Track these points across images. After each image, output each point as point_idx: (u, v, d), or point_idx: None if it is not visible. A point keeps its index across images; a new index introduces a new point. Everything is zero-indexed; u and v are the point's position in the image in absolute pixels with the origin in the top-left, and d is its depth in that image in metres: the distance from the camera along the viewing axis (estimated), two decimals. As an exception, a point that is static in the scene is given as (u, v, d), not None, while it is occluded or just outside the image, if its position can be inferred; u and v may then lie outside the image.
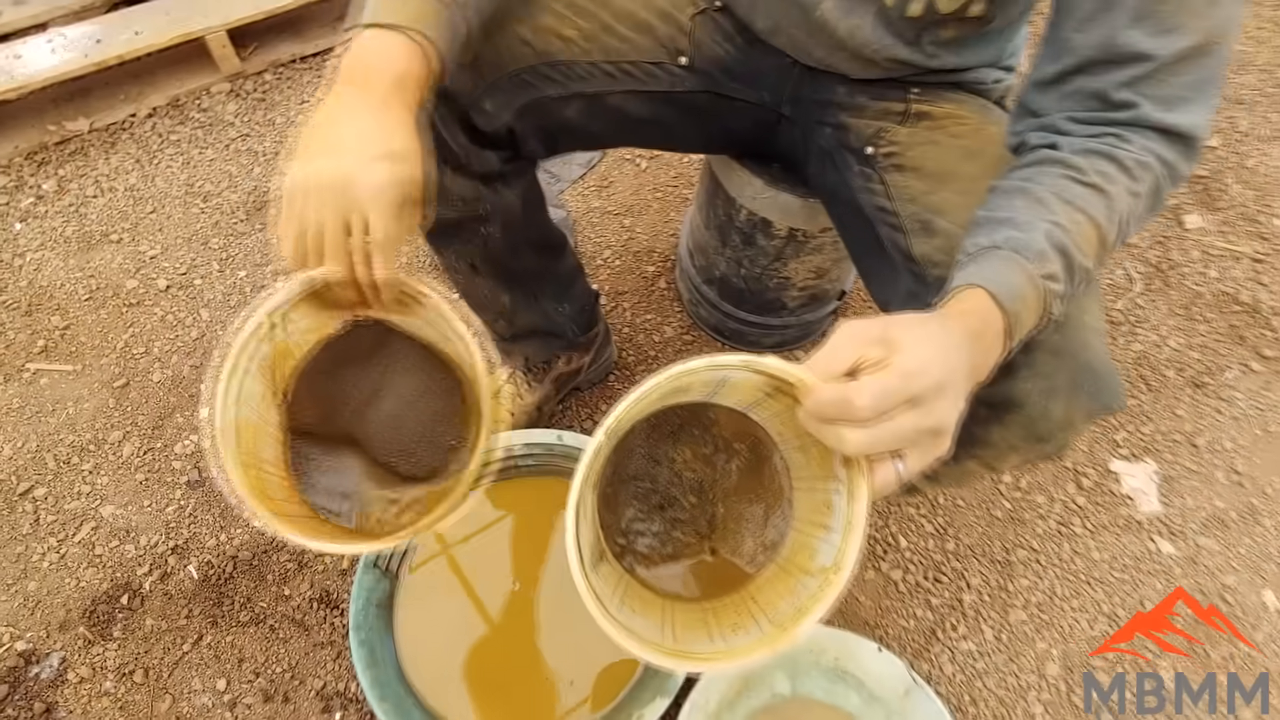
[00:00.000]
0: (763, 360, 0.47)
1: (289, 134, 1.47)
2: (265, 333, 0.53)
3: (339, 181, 0.50)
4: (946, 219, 0.67)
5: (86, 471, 1.06)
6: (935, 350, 0.44)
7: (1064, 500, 1.14)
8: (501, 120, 0.73)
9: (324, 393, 0.57)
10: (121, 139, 1.43)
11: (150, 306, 1.23)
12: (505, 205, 0.82)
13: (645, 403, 0.49)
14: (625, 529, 0.59)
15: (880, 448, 0.44)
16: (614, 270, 1.34)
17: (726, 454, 0.59)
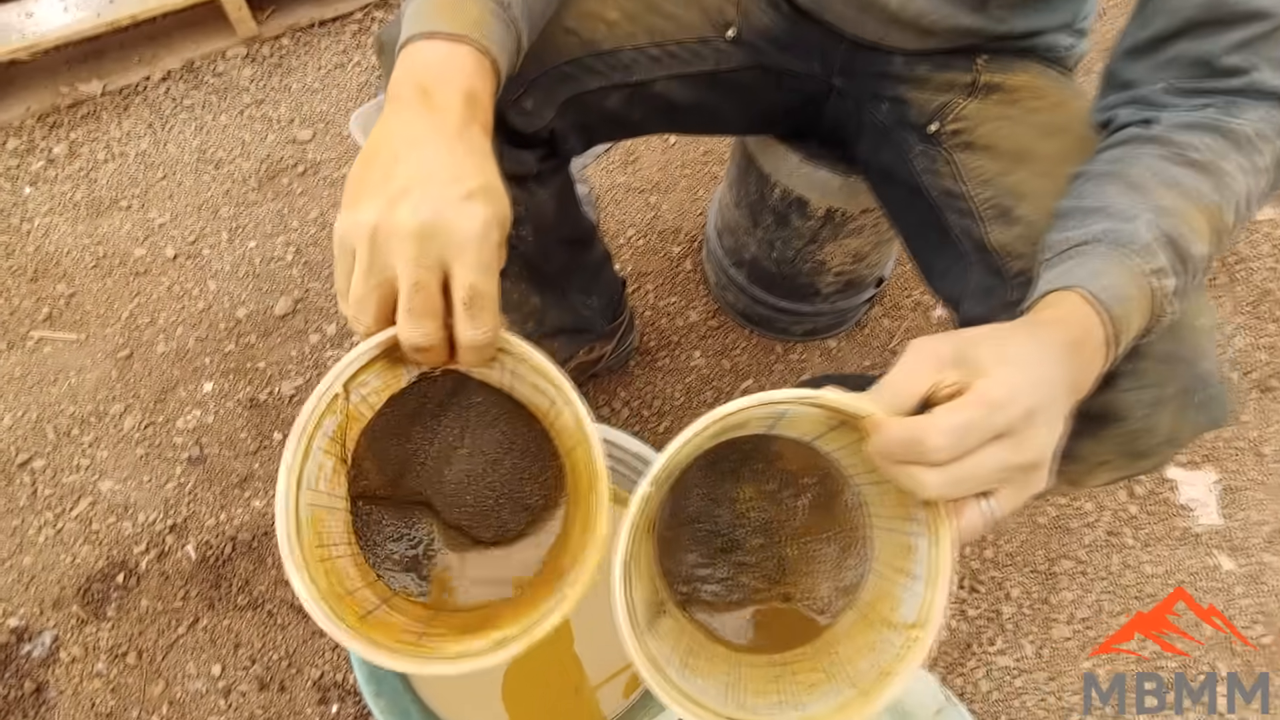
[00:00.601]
0: (821, 394, 0.41)
1: (306, 103, 1.42)
2: (338, 405, 0.43)
3: (428, 227, 0.39)
4: (1027, 205, 0.59)
5: (86, 444, 1.03)
6: (1026, 371, 0.37)
7: (1114, 509, 1.06)
8: (542, 118, 0.65)
9: (392, 453, 0.49)
10: (134, 102, 1.39)
11: (157, 276, 1.19)
12: (539, 206, 0.75)
13: (692, 445, 0.43)
14: (688, 576, 0.53)
15: (963, 491, 0.37)
16: (637, 250, 1.27)
17: (794, 490, 0.52)
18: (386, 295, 0.41)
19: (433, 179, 0.40)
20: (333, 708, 0.89)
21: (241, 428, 1.05)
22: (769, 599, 0.53)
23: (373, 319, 0.41)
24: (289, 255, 1.22)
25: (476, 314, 0.40)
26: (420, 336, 0.40)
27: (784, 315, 1.14)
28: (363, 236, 0.39)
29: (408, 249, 0.39)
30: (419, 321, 0.40)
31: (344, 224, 0.41)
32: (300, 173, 1.33)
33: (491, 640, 0.43)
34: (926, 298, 1.24)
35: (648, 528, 0.50)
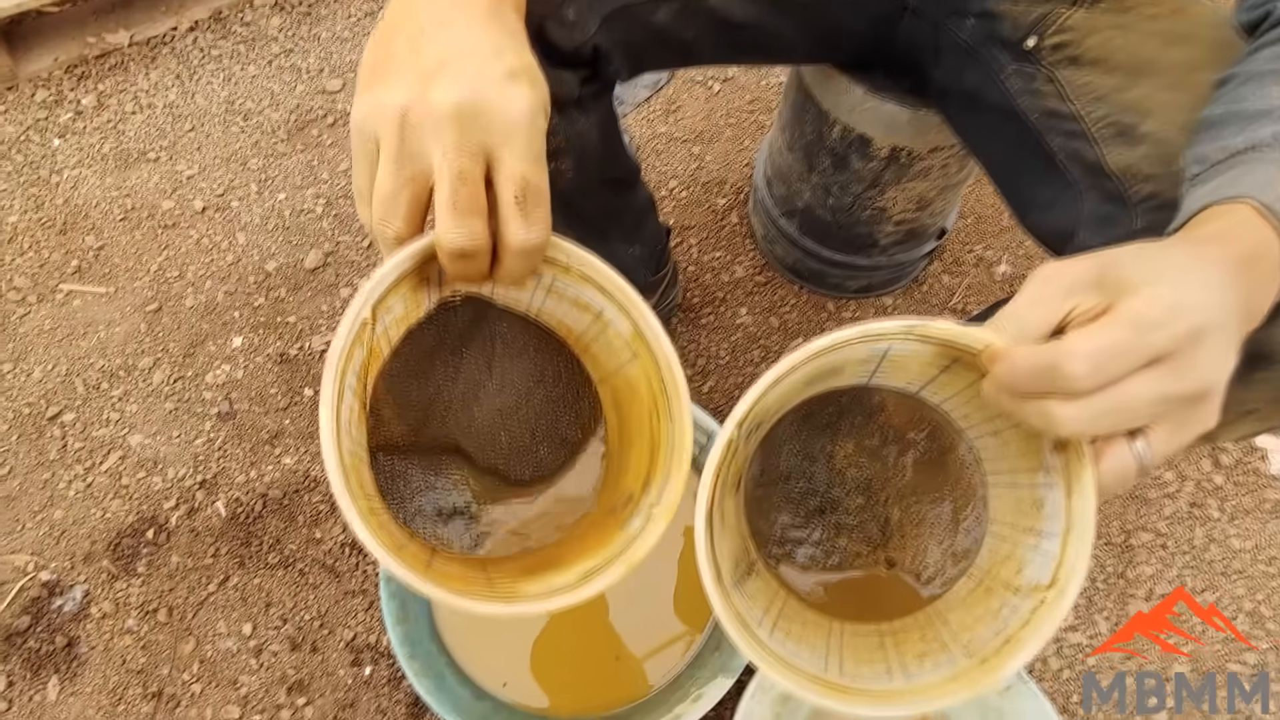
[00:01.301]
0: (932, 324, 0.35)
1: (335, 51, 1.37)
2: (365, 335, 0.37)
3: (471, 107, 0.33)
4: (1154, 120, 0.51)
5: (115, 398, 1.00)
6: (1186, 287, 0.30)
7: (1197, 479, 0.98)
8: (585, 31, 0.58)
9: (413, 397, 0.44)
10: (162, 53, 1.35)
11: (185, 229, 1.16)
12: (581, 137, 0.68)
13: (782, 387, 0.37)
14: (780, 538, 0.47)
15: (1108, 427, 0.31)
16: (680, 203, 1.21)
17: (898, 446, 0.47)
18: (419, 192, 0.35)
19: (470, 55, 0.34)
20: (366, 670, 0.85)
21: (271, 383, 1.02)
22: (871, 564, 0.47)
23: (404, 221, 0.35)
24: (319, 208, 1.18)
25: (530, 210, 0.35)
26: (465, 238, 0.34)
27: (837, 270, 1.07)
28: (390, 120, 0.33)
29: (447, 133, 0.33)
30: (463, 220, 0.34)
31: (365, 107, 0.34)
32: (330, 124, 1.28)
33: (576, 574, 0.39)
34: (990, 253, 1.16)
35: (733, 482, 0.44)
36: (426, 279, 0.39)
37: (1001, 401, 0.34)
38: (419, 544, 0.42)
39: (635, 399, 0.44)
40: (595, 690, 0.80)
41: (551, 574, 0.40)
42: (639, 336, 0.41)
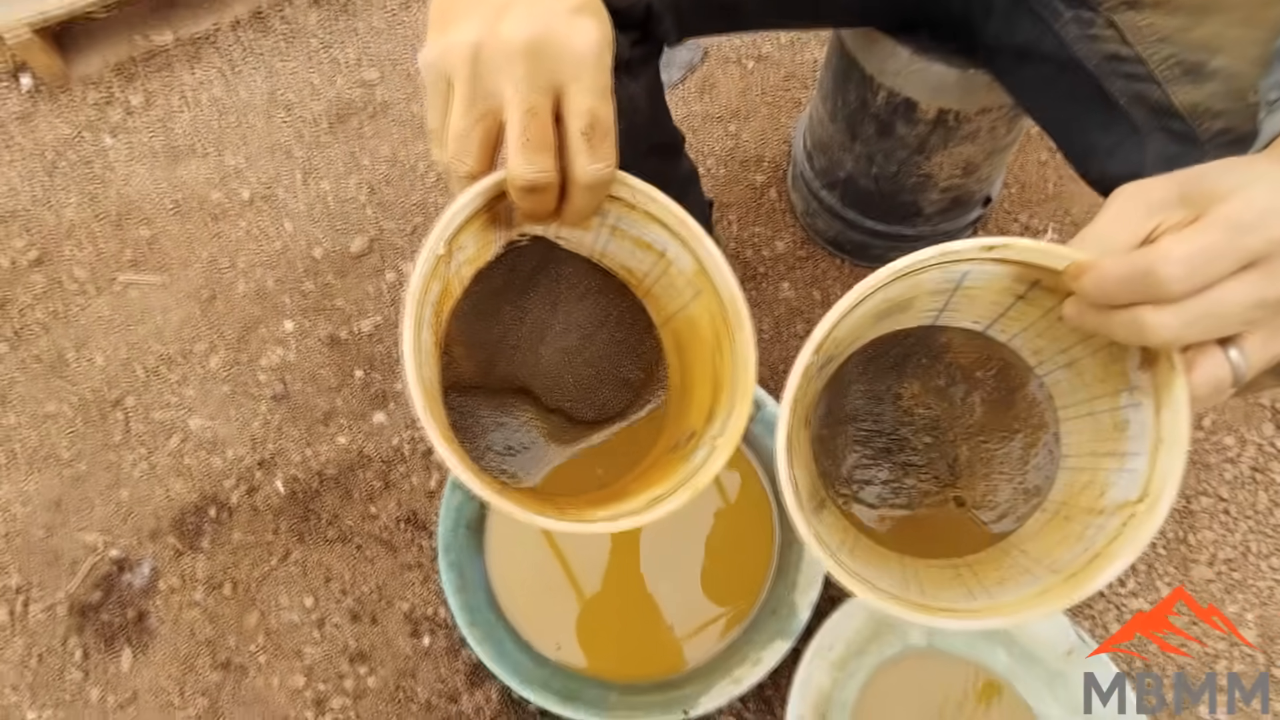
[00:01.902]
0: (1014, 242, 0.35)
1: (373, 43, 1.39)
2: (440, 269, 0.39)
3: (541, 43, 0.34)
4: (1224, 56, 0.50)
5: (174, 382, 1.03)
6: (1277, 192, 0.30)
7: (1258, 443, 0.96)
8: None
9: (482, 336, 0.45)
10: (205, 51, 1.38)
11: (235, 219, 1.18)
12: (631, 101, 0.68)
13: (854, 318, 0.37)
14: (848, 477, 0.48)
15: (1202, 333, 0.30)
16: (718, 180, 1.21)
17: (966, 385, 0.47)
18: (490, 129, 0.35)
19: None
20: (424, 640, 0.87)
21: (323, 364, 1.04)
22: (940, 503, 0.47)
23: (476, 159, 0.36)
24: (362, 195, 1.20)
25: (598, 144, 0.35)
26: (537, 172, 0.35)
27: (880, 240, 1.06)
28: (463, 57, 0.34)
29: (517, 68, 0.33)
30: (534, 156, 0.34)
31: (437, 48, 0.35)
32: (370, 114, 1.30)
33: (643, 501, 0.39)
34: (1036, 221, 1.14)
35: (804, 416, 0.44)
36: (496, 217, 0.40)
37: (1087, 319, 0.34)
38: (489, 479, 0.43)
39: (697, 338, 0.44)
40: (644, 659, 0.81)
41: (618, 504, 0.41)
42: (703, 272, 0.41)
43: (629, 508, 0.40)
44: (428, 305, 0.38)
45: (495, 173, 0.36)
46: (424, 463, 0.97)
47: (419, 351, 0.36)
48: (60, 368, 1.05)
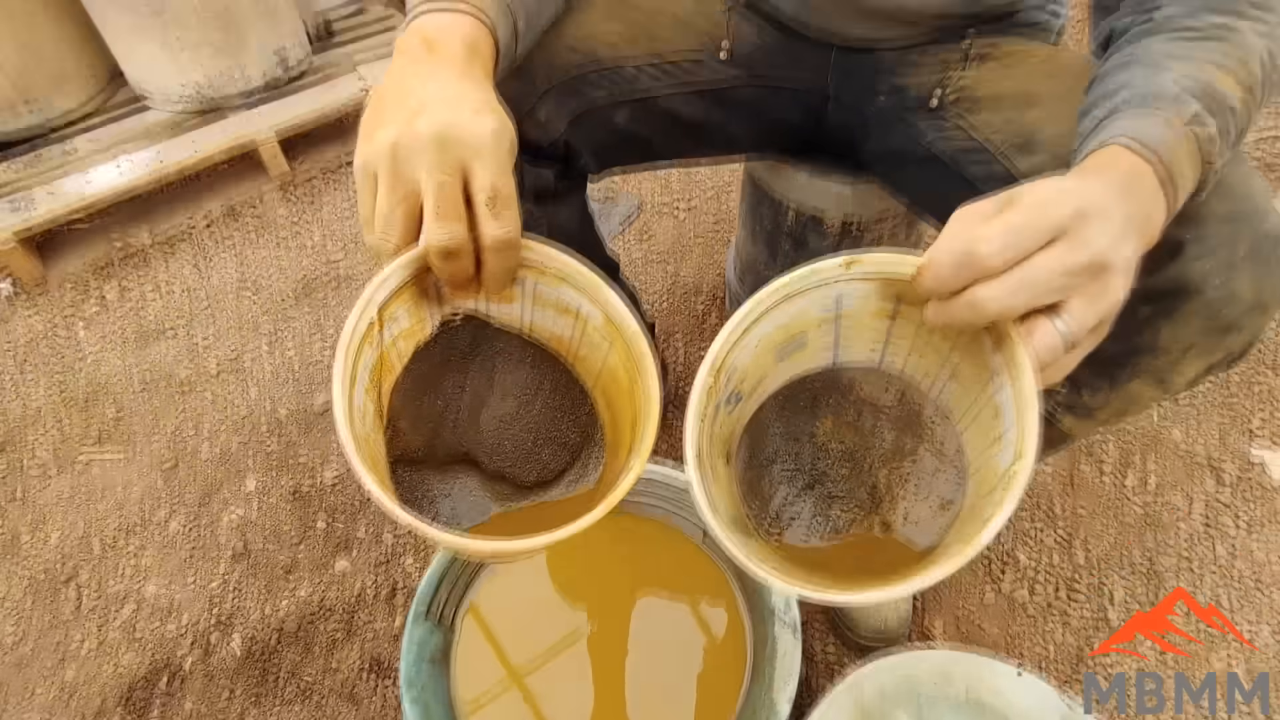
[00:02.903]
0: (867, 255, 0.41)
1: (337, 227, 1.52)
2: (373, 335, 0.42)
3: (446, 133, 0.41)
4: (1048, 130, 0.60)
5: (131, 551, 1.01)
6: (1065, 184, 0.38)
7: (1205, 498, 0.99)
8: (556, 130, 0.70)
9: (425, 410, 0.49)
10: (180, 246, 1.49)
11: (201, 391, 1.22)
12: (561, 225, 0.78)
13: (753, 351, 0.44)
14: (776, 515, 0.51)
15: (1027, 301, 0.36)
16: (662, 311, 1.30)
17: (873, 416, 0.51)
18: (411, 209, 0.42)
19: (444, 100, 0.42)
20: (391, 800, 0.80)
21: (285, 519, 1.04)
22: (867, 529, 0.49)
23: (399, 236, 0.42)
24: (325, 356, 1.26)
25: (499, 211, 0.41)
26: (448, 237, 0.41)
27: (816, 348, 1.14)
28: (385, 152, 0.41)
29: (429, 155, 0.40)
30: (445, 224, 0.41)
31: (364, 151, 0.42)
32: (334, 286, 1.39)
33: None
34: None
35: (721, 449, 0.47)
36: (426, 292, 0.45)
37: (939, 315, 0.39)
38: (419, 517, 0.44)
39: (618, 386, 0.48)
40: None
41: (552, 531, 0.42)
42: (609, 322, 0.46)
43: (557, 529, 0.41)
44: (362, 368, 0.42)
45: (416, 246, 0.42)
46: (387, 606, 0.94)
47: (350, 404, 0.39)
48: (13, 549, 1.03)
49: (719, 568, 0.87)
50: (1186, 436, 1.06)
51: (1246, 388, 1.11)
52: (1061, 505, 1.00)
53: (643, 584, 0.87)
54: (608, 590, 0.87)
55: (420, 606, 0.81)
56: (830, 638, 0.90)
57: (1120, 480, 1.02)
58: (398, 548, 1.00)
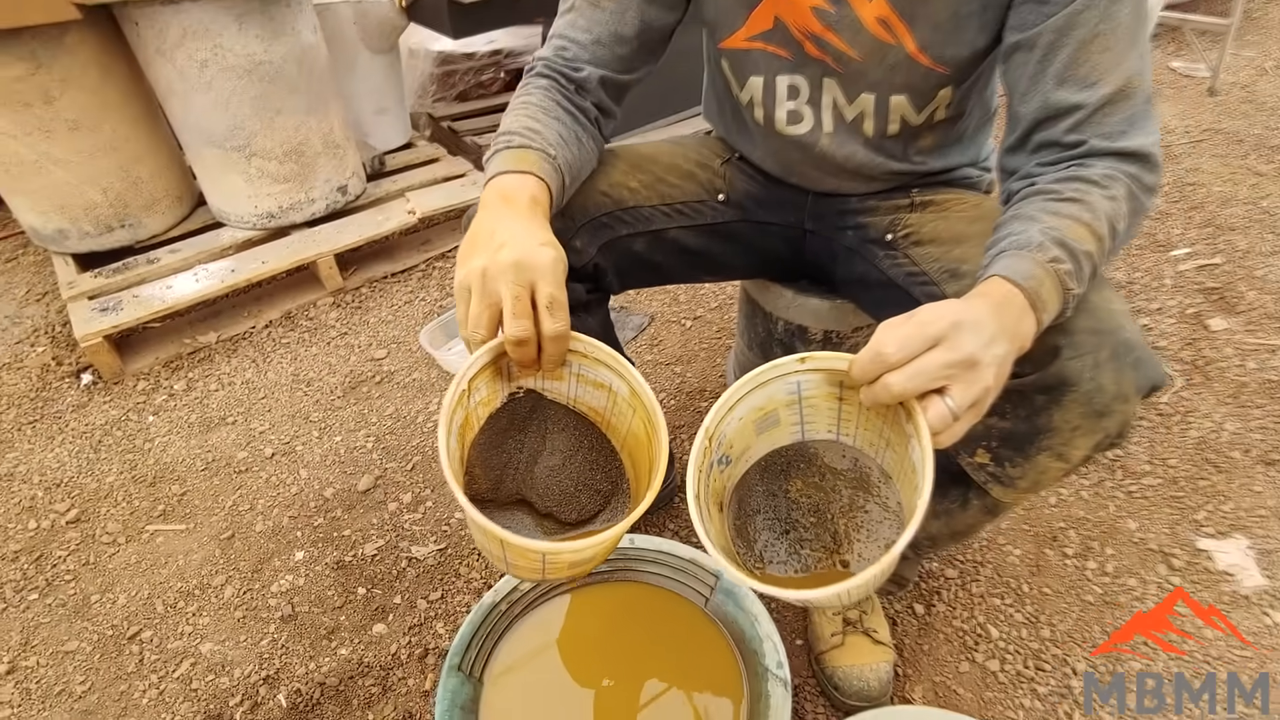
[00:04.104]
0: (815, 354, 0.58)
1: (381, 330, 1.71)
2: (463, 400, 0.59)
3: (520, 261, 0.58)
4: (969, 264, 0.78)
5: (190, 613, 1.13)
6: (948, 306, 0.54)
7: (1157, 581, 1.10)
8: (587, 256, 0.88)
9: (494, 460, 0.63)
10: (241, 345, 1.68)
11: (257, 471, 1.37)
12: (589, 330, 0.95)
13: (738, 424, 0.60)
14: (760, 555, 0.65)
15: (920, 383, 0.52)
16: (669, 409, 1.45)
17: (833, 477, 0.66)
18: (494, 314, 0.59)
19: (518, 237, 0.61)
20: (417, 843, 0.88)
21: (329, 586, 1.15)
22: (830, 565, 0.62)
23: (486, 331, 0.59)
24: (369, 444, 1.41)
25: (555, 312, 0.59)
26: (520, 330, 0.58)
27: (807, 442, 1.28)
28: (477, 275, 0.59)
29: (508, 276, 0.58)
30: (519, 321, 0.58)
31: (463, 273, 0.60)
32: (378, 382, 1.56)
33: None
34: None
35: (716, 500, 0.62)
36: (500, 371, 0.61)
37: (867, 396, 0.54)
38: None
39: (639, 445, 0.63)
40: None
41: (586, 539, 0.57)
42: (634, 394, 0.62)
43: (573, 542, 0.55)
44: (454, 424, 0.57)
45: (496, 339, 0.59)
46: (419, 666, 1.05)
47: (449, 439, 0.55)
48: (84, 610, 1.14)
49: (719, 630, 0.98)
50: (1140, 527, 1.18)
51: (1192, 484, 1.24)
52: (1028, 585, 1.10)
53: (651, 644, 0.97)
54: (620, 649, 0.97)
55: (454, 659, 0.92)
56: (820, 700, 0.99)
57: (1082, 565, 1.13)
58: (430, 613, 1.11)
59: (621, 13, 0.80)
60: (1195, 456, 1.28)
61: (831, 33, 0.77)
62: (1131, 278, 1.74)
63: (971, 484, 0.78)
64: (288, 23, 1.63)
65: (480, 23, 1.87)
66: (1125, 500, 1.22)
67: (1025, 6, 0.69)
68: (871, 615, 1.01)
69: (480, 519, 0.51)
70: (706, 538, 0.54)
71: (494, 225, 0.63)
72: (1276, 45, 2.92)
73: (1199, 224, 1.91)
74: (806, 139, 0.88)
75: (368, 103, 2.11)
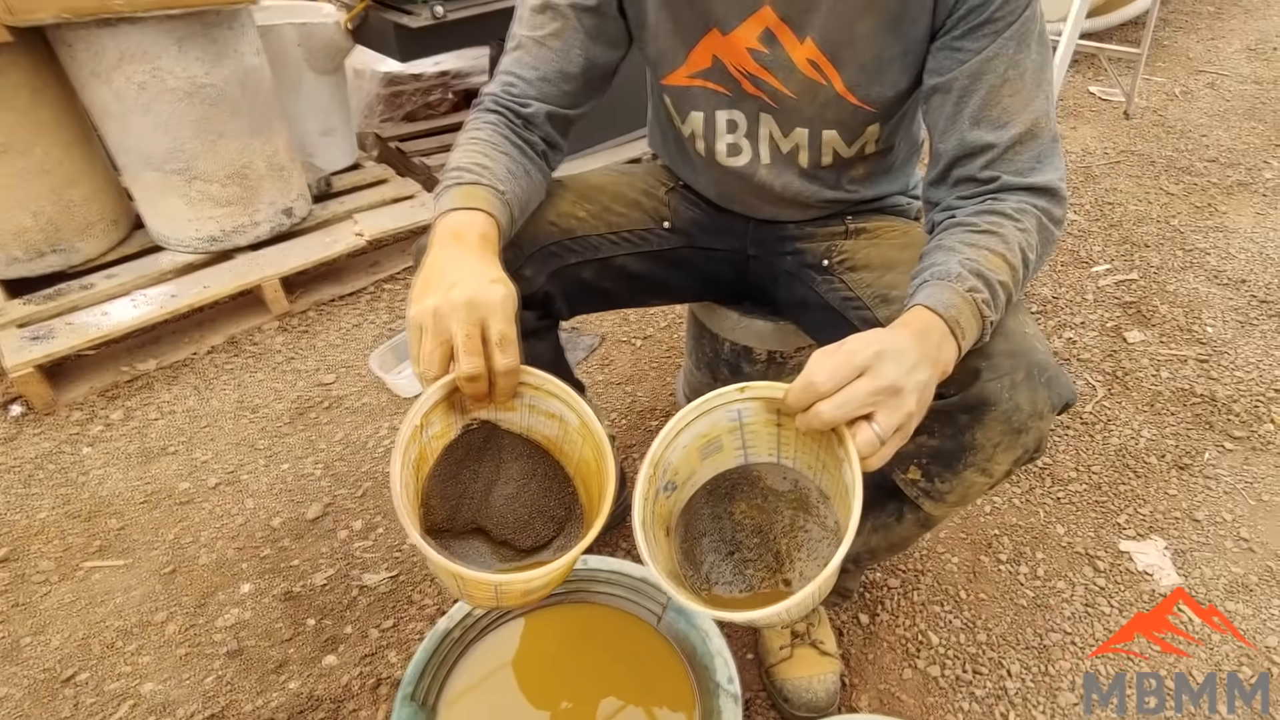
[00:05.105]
0: (753, 384, 0.61)
1: (329, 354, 1.69)
2: (417, 435, 0.59)
3: (471, 299, 0.59)
4: (899, 290, 0.83)
5: (130, 653, 1.09)
6: (874, 336, 0.58)
7: (1084, 583, 1.16)
8: (537, 284, 0.90)
9: (450, 491, 0.64)
10: (183, 372, 1.64)
11: (200, 503, 1.34)
12: (539, 356, 0.97)
13: (682, 451, 0.63)
14: (706, 576, 0.67)
15: (848, 411, 0.55)
16: (621, 429, 1.47)
17: (775, 498, 0.69)
18: (446, 352, 0.60)
19: (469, 275, 0.62)
20: None
21: (277, 619, 1.13)
22: (774, 585, 0.65)
23: (438, 369, 0.60)
24: (318, 471, 1.39)
25: (505, 348, 0.60)
26: (472, 367, 0.59)
27: (755, 459, 1.31)
28: (429, 314, 0.60)
29: (460, 314, 0.60)
30: (470, 358, 0.59)
31: (415, 311, 0.61)
32: (326, 407, 1.55)
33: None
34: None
35: (662, 524, 0.64)
36: (453, 405, 0.62)
37: (801, 423, 0.57)
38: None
39: (590, 471, 0.65)
40: None
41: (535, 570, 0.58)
42: (584, 425, 0.64)
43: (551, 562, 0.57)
44: (409, 461, 0.58)
45: (449, 375, 0.60)
46: (372, 696, 1.04)
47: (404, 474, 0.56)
48: (14, 653, 1.10)
49: (671, 647, 0.99)
50: (1068, 531, 1.24)
51: (1114, 490, 1.31)
52: (966, 592, 1.16)
53: (606, 664, 0.98)
54: (575, 670, 0.98)
55: (407, 688, 0.92)
56: (771, 713, 1.02)
57: (1015, 570, 1.19)
58: (382, 642, 1.10)
59: (566, 51, 0.83)
60: (1116, 463, 1.36)
61: (766, 72, 0.81)
62: (1057, 293, 1.84)
63: (905, 499, 0.82)
64: (230, 45, 1.62)
65: (427, 46, 1.88)
66: (1054, 506, 1.29)
67: (941, 53, 0.74)
68: (818, 627, 1.04)
69: (435, 557, 0.53)
70: (653, 563, 0.56)
71: (445, 264, 0.64)
72: (1184, 72, 3.13)
73: (1117, 241, 2.03)
74: (745, 170, 0.92)
75: (313, 124, 2.09)
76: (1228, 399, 1.47)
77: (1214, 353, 1.60)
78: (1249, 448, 1.37)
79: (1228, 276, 1.84)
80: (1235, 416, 1.43)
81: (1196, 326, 1.67)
